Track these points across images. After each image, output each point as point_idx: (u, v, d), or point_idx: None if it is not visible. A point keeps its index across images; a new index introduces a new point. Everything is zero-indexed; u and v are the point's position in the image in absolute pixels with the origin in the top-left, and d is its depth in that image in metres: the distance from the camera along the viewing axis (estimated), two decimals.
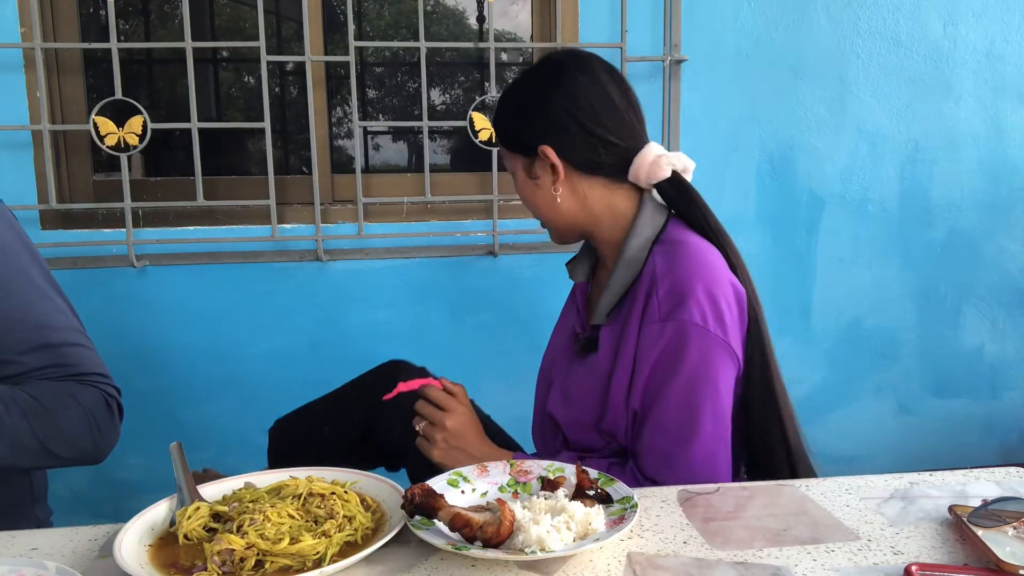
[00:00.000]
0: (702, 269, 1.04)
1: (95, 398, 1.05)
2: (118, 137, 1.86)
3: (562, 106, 1.06)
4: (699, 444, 1.03)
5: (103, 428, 1.06)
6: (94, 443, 1.05)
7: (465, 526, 0.78)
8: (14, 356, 1.01)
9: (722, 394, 1.04)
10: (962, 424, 2.39)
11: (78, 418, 1.02)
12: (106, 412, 1.06)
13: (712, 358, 1.02)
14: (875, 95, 2.21)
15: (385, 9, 2.28)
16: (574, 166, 1.09)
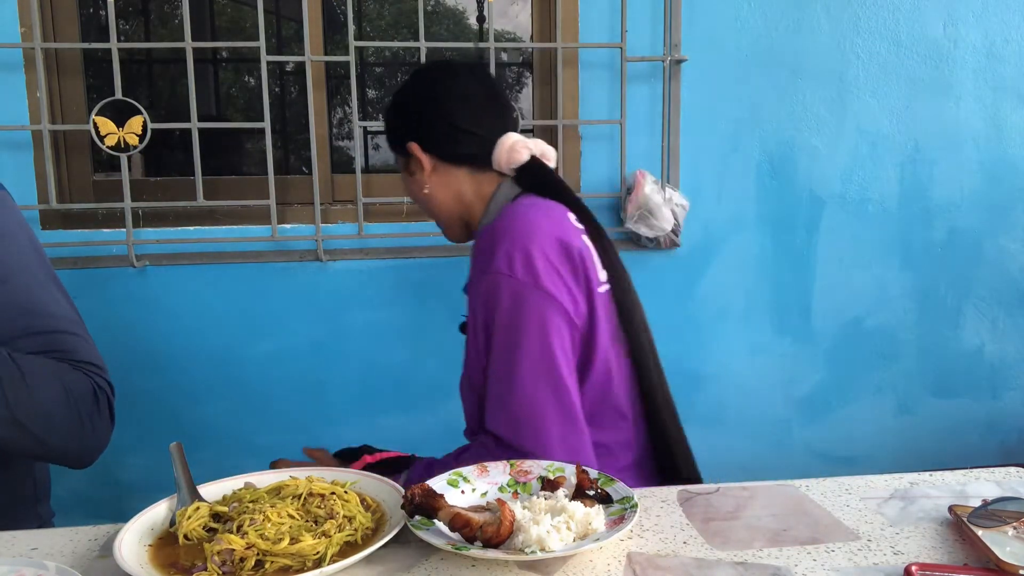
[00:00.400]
0: (518, 225, 1.09)
1: (84, 385, 1.02)
2: (118, 137, 1.86)
3: (424, 104, 1.18)
4: (518, 389, 1.04)
5: (87, 419, 1.01)
6: (80, 431, 1.01)
7: (465, 526, 0.78)
8: (7, 340, 0.99)
9: (541, 339, 1.04)
10: (962, 424, 2.39)
11: (59, 395, 0.98)
12: (93, 402, 1.03)
13: (523, 304, 1.05)
14: (875, 95, 2.21)
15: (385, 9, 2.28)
16: (441, 158, 1.19)
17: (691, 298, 2.20)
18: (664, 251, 2.16)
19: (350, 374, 2.09)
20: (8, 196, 1.08)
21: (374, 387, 2.10)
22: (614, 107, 2.10)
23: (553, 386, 1.04)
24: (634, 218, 2.04)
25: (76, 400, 1.00)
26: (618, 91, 2.08)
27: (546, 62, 2.13)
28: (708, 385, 2.24)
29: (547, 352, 1.04)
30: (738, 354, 2.25)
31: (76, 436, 1.01)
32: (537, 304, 1.04)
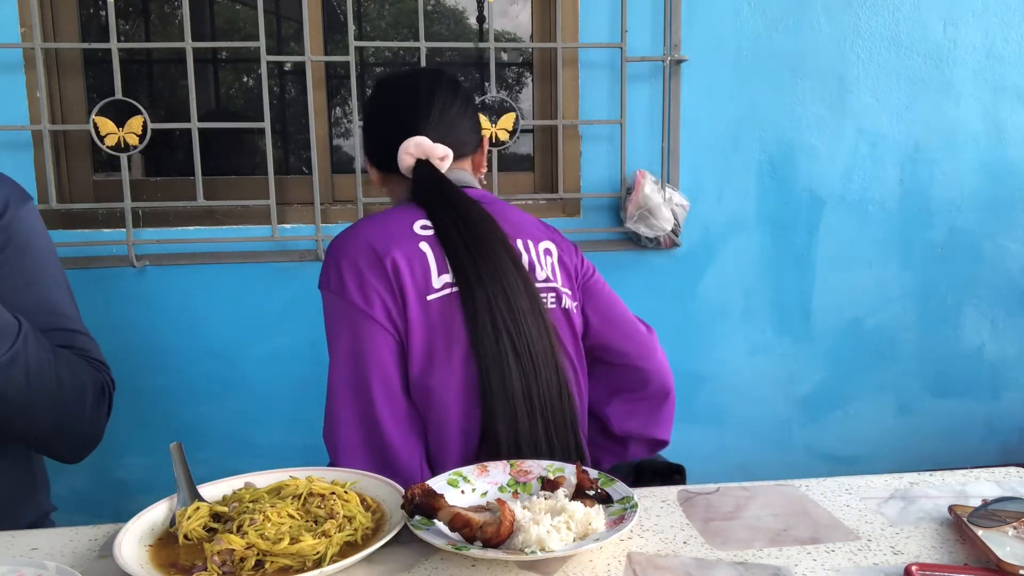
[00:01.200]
0: (338, 238, 1.14)
1: (95, 378, 1.10)
2: (118, 137, 1.86)
3: (364, 120, 1.27)
4: (329, 396, 1.09)
5: (93, 411, 1.09)
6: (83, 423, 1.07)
7: (465, 526, 0.78)
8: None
9: (349, 347, 1.08)
10: (962, 424, 2.39)
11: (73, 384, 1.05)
12: (101, 397, 1.11)
13: (335, 314, 1.12)
14: (875, 95, 2.21)
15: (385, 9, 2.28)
16: (378, 168, 1.27)
17: (691, 298, 2.20)
18: (664, 251, 2.16)
19: None
20: (33, 203, 1.14)
21: None
22: (614, 107, 2.10)
23: (356, 392, 1.05)
24: (634, 218, 2.04)
25: (87, 392, 1.07)
26: (618, 91, 2.08)
27: (546, 62, 2.13)
28: (708, 385, 2.24)
29: (356, 360, 1.06)
30: (738, 354, 2.25)
31: (79, 425, 1.07)
32: (345, 314, 1.09)
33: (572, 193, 2.12)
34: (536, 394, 1.07)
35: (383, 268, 1.08)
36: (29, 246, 1.10)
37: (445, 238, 1.11)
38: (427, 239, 1.11)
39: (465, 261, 1.09)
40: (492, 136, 2.02)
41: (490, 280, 1.08)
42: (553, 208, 2.16)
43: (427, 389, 1.07)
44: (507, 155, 2.20)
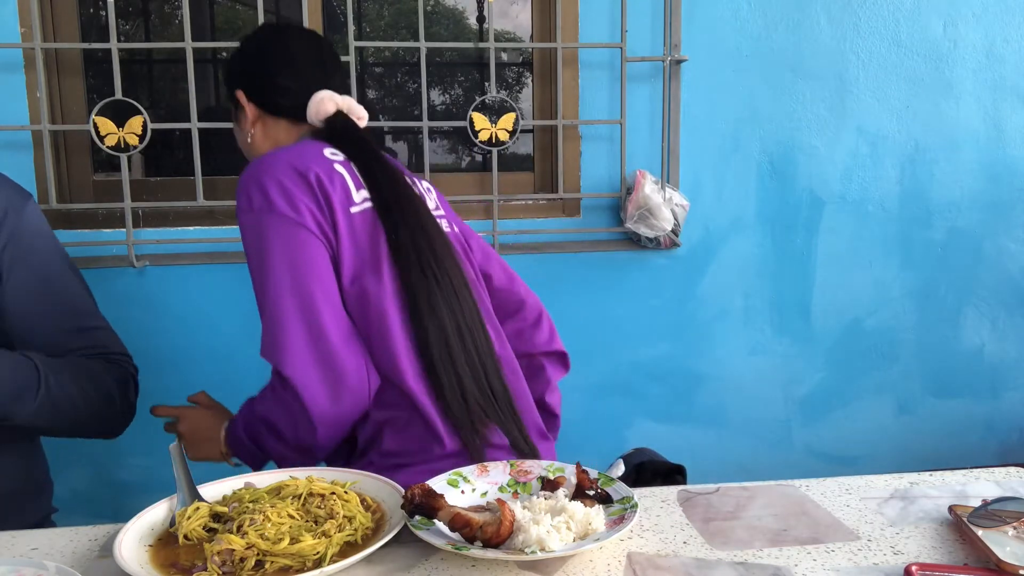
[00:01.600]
0: (254, 164, 1.14)
1: (119, 376, 1.18)
2: (118, 137, 1.86)
3: (254, 58, 1.27)
4: (269, 310, 1.07)
5: (121, 401, 1.17)
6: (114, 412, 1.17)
7: (465, 526, 0.78)
8: (57, 337, 1.11)
9: (285, 258, 1.08)
10: (962, 424, 2.39)
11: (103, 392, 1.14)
12: (125, 388, 1.18)
13: (265, 230, 1.08)
14: (875, 95, 2.21)
15: (385, 9, 2.28)
16: (263, 108, 1.27)
17: (691, 298, 2.20)
18: (664, 251, 2.16)
19: None
20: (33, 202, 1.14)
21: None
22: (614, 107, 2.10)
23: (299, 300, 1.06)
24: (634, 218, 2.04)
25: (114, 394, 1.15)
26: (618, 91, 2.08)
27: (546, 62, 2.13)
28: (708, 385, 2.24)
29: (293, 270, 1.07)
30: (738, 354, 2.25)
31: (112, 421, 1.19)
32: (276, 227, 1.08)
33: (572, 193, 2.12)
34: (459, 311, 1.14)
35: (307, 181, 1.11)
36: (35, 248, 1.11)
37: (360, 161, 1.19)
38: (339, 162, 1.17)
39: (382, 183, 1.17)
40: (492, 136, 2.02)
41: (406, 203, 1.17)
42: (553, 208, 2.16)
43: (363, 297, 1.10)
44: (507, 155, 2.20)
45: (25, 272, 1.09)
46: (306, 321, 1.05)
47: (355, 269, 1.11)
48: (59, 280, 1.13)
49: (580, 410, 2.20)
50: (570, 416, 2.19)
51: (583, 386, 2.18)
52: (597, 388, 2.19)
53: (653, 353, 2.20)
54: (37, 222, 1.13)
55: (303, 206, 1.09)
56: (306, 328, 1.05)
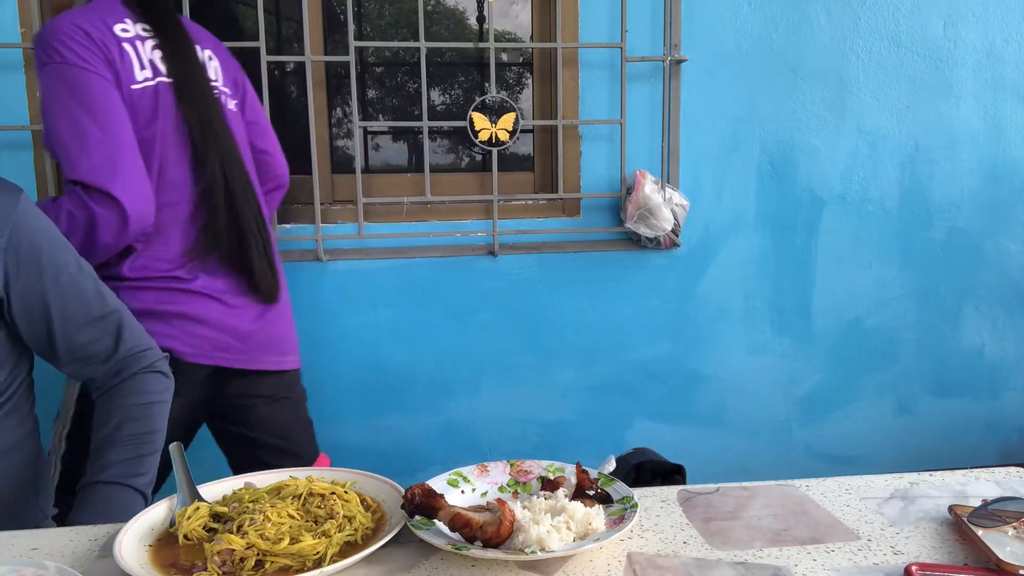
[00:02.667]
0: (47, 25, 1.30)
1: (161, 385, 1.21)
2: None
3: None
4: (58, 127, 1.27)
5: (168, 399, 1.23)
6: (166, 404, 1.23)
7: (465, 526, 0.78)
8: (74, 332, 1.12)
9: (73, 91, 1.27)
10: (962, 424, 2.39)
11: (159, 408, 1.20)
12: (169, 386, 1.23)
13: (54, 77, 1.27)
14: (875, 95, 2.21)
15: (385, 9, 2.28)
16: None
17: (691, 298, 2.20)
18: (664, 251, 2.16)
19: (350, 374, 2.09)
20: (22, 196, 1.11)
21: (374, 387, 2.10)
22: (614, 107, 2.10)
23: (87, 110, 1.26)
24: (634, 218, 2.04)
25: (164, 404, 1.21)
26: (618, 91, 2.08)
27: (546, 62, 2.13)
28: (708, 385, 2.24)
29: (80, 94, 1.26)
30: (738, 354, 2.25)
31: None
32: (64, 73, 1.26)
33: (572, 193, 2.12)
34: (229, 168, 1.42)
35: (93, 41, 1.29)
36: (38, 244, 1.08)
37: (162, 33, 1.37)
38: (127, 40, 1.33)
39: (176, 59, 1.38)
40: (492, 136, 2.02)
41: (195, 78, 1.40)
42: (553, 208, 2.16)
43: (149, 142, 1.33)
44: (507, 155, 2.20)
45: (33, 272, 1.07)
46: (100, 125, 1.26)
47: (143, 122, 1.33)
48: (67, 275, 1.12)
49: (580, 410, 2.20)
50: (570, 416, 2.20)
51: (583, 386, 2.18)
52: (597, 388, 2.19)
53: (653, 353, 2.20)
54: (34, 217, 1.10)
55: (92, 57, 1.27)
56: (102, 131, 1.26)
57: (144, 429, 1.15)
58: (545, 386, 2.17)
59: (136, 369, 1.18)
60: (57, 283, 1.09)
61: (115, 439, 1.13)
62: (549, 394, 2.17)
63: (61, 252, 1.12)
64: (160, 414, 1.18)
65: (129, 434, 1.14)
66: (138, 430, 1.14)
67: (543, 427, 2.19)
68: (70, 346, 1.12)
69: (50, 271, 1.09)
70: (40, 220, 1.11)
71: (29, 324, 1.09)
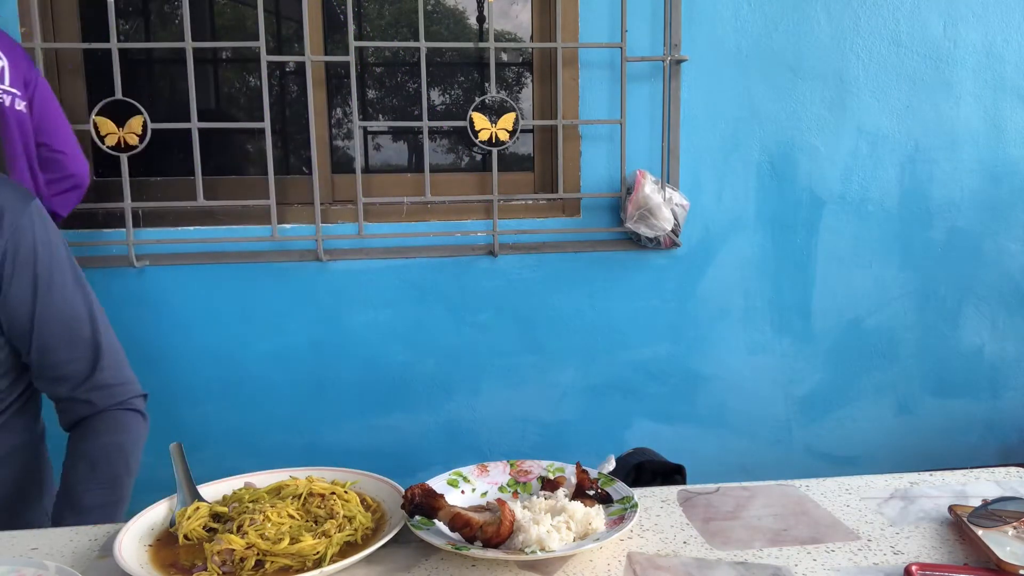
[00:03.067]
0: None
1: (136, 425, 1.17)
2: (118, 137, 1.86)
3: None
4: None
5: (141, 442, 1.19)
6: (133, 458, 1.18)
7: (465, 526, 0.78)
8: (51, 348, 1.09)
9: None
10: (962, 424, 2.39)
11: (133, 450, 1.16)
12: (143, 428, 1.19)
13: None
14: (875, 95, 2.21)
15: (385, 9, 2.28)
16: None
17: (691, 298, 2.20)
18: (664, 251, 2.16)
19: (350, 374, 2.09)
20: (35, 204, 1.11)
21: (374, 387, 2.10)
22: (614, 107, 2.10)
23: None
24: (634, 218, 2.04)
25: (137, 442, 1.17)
26: (618, 91, 2.08)
27: (546, 62, 2.13)
28: (708, 385, 2.24)
29: None
30: (738, 354, 2.25)
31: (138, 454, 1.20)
32: None
33: (572, 193, 2.12)
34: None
35: None
36: (37, 254, 1.08)
37: None
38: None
39: None
40: (492, 136, 2.02)
41: None
42: (553, 208, 2.16)
43: None
44: (507, 155, 2.20)
45: (26, 281, 1.07)
46: None
47: None
48: (58, 289, 1.10)
49: (580, 410, 2.20)
50: (570, 416, 2.20)
51: (583, 386, 2.18)
52: (597, 388, 2.19)
53: (653, 353, 2.20)
54: (41, 227, 1.10)
55: None
56: None
57: (119, 472, 1.12)
58: (545, 386, 2.17)
59: (112, 404, 1.14)
60: (48, 296, 1.08)
61: (90, 481, 1.10)
62: (549, 394, 2.18)
63: (60, 267, 1.11)
64: (134, 457, 1.15)
65: (105, 477, 1.11)
66: (113, 473, 1.11)
67: (543, 427, 2.19)
68: (43, 361, 1.09)
69: (43, 282, 1.08)
70: (47, 232, 1.11)
71: (11, 328, 1.08)
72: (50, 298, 1.09)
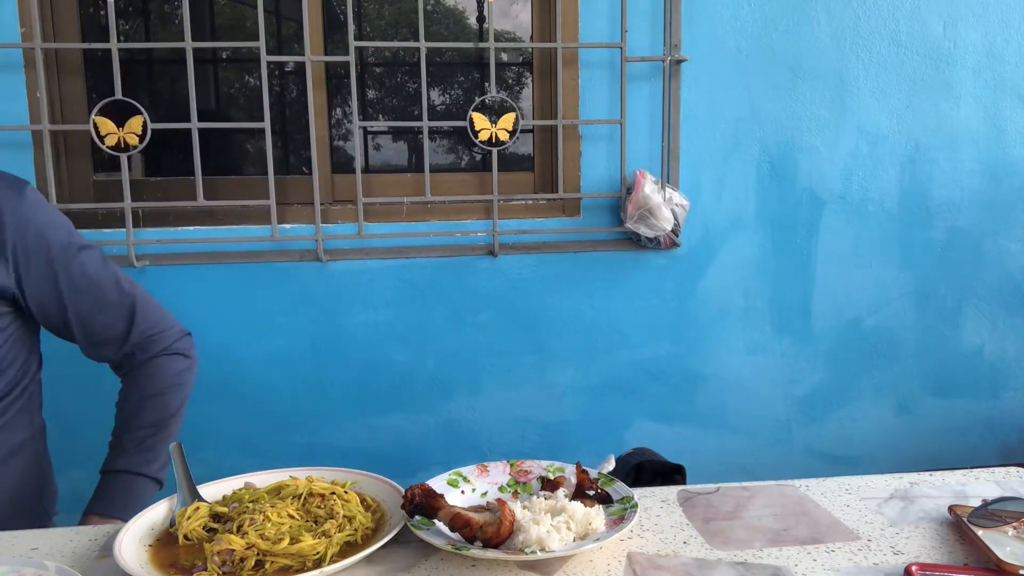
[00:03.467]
0: None
1: (177, 366, 1.23)
2: (118, 137, 1.86)
3: None
4: None
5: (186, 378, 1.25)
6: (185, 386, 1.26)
7: (465, 526, 0.78)
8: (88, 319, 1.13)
9: None
10: (962, 424, 2.39)
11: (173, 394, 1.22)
12: (186, 365, 1.25)
13: None
14: (875, 95, 2.21)
15: (385, 9, 2.28)
16: None
17: (691, 298, 2.20)
18: (664, 251, 2.16)
19: (350, 374, 2.09)
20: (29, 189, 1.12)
21: (374, 387, 2.10)
22: (614, 107, 2.10)
23: None
24: (634, 218, 2.04)
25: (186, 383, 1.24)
26: (618, 91, 2.08)
27: (546, 62, 2.13)
28: (708, 385, 2.24)
29: None
30: (738, 354, 2.25)
31: None
32: None
33: (572, 193, 2.12)
34: None
35: None
36: (47, 239, 1.09)
37: None
38: None
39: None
40: (492, 136, 2.02)
41: None
42: (553, 208, 2.16)
43: None
44: (507, 155, 2.20)
45: (43, 268, 1.09)
46: None
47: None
48: (78, 266, 1.12)
49: (580, 410, 2.20)
50: (570, 416, 2.20)
51: (583, 386, 2.18)
52: (597, 388, 2.19)
53: (653, 353, 2.20)
54: (41, 211, 1.10)
55: None
56: None
57: (157, 418, 1.18)
58: (545, 386, 2.17)
59: (153, 353, 1.20)
60: (68, 274, 1.10)
61: (131, 427, 1.16)
62: (549, 394, 2.18)
63: (69, 242, 1.12)
64: (175, 398, 1.21)
65: (143, 423, 1.17)
66: (151, 420, 1.17)
67: (543, 427, 2.19)
68: (86, 332, 1.14)
69: (60, 263, 1.10)
70: (47, 212, 1.11)
71: (46, 318, 1.11)
72: (71, 276, 1.11)
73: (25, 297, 1.08)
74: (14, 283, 1.06)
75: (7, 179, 1.10)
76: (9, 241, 1.05)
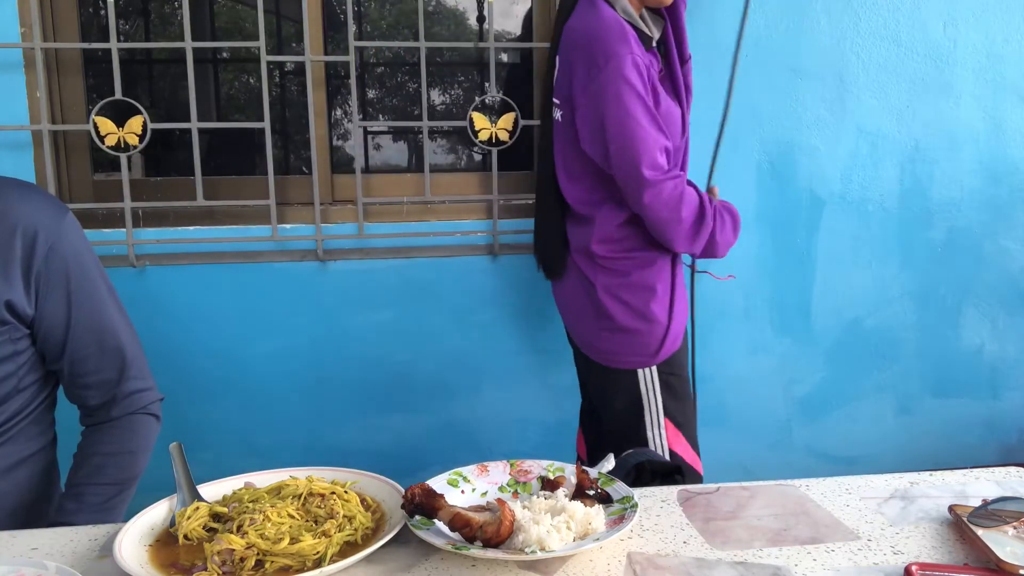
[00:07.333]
0: None
1: (149, 429, 1.23)
2: (118, 137, 1.86)
3: None
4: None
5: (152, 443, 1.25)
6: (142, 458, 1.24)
7: (465, 526, 0.78)
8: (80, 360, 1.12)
9: None
10: (962, 424, 2.39)
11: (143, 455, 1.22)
12: (156, 429, 1.26)
13: None
14: (875, 95, 2.21)
15: (385, 9, 2.28)
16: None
17: (691, 298, 2.20)
18: None
19: (350, 374, 2.09)
20: (69, 217, 1.13)
21: (374, 387, 2.10)
22: None
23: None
24: None
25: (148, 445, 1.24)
26: None
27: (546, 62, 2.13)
28: (708, 385, 2.24)
29: None
30: (738, 354, 2.25)
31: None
32: None
33: None
34: None
35: None
36: (69, 269, 1.10)
37: None
38: None
39: None
40: (492, 136, 2.02)
41: None
42: None
43: None
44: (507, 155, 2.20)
45: (60, 297, 1.09)
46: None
47: None
48: (91, 303, 1.12)
49: None
50: (570, 416, 2.20)
51: None
52: None
53: None
54: (73, 242, 1.11)
55: None
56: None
57: (123, 476, 1.16)
58: (545, 386, 2.17)
59: (133, 408, 1.19)
60: (80, 310, 1.11)
61: (97, 478, 1.14)
62: (549, 394, 2.18)
63: (92, 279, 1.13)
64: (142, 460, 1.20)
65: (109, 479, 1.15)
66: (117, 477, 1.16)
67: (543, 427, 2.19)
68: (73, 371, 1.13)
69: (76, 297, 1.10)
70: (79, 243, 1.12)
71: (44, 343, 1.11)
72: (82, 312, 1.11)
73: (36, 320, 1.09)
74: (34, 308, 1.07)
75: (53, 205, 1.11)
76: (35, 267, 1.06)
